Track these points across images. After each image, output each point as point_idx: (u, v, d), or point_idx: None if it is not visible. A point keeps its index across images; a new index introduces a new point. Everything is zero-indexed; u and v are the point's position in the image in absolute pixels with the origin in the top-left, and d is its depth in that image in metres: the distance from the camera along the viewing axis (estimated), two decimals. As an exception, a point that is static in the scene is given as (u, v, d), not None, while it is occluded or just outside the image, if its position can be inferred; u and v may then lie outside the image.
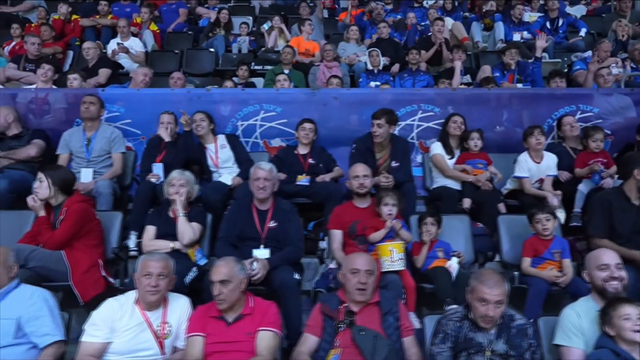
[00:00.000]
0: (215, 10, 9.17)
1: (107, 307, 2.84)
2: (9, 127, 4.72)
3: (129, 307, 2.83)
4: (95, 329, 2.75)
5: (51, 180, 3.62)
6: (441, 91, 5.23)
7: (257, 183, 3.65)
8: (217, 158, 4.55)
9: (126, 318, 2.79)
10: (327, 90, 5.31)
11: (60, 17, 8.08)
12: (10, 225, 4.04)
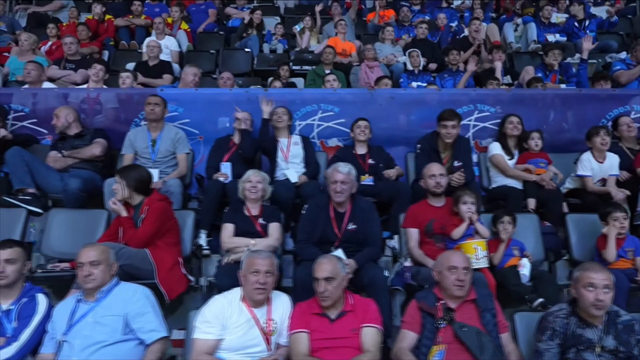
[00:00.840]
0: (244, 10, 9.23)
1: (217, 304, 2.87)
2: (69, 127, 4.74)
3: (237, 304, 2.87)
4: (208, 326, 2.79)
5: (125, 182, 3.66)
6: (497, 91, 5.28)
7: (334, 186, 3.68)
8: (288, 152, 4.60)
9: (235, 315, 2.83)
10: (384, 90, 5.35)
11: (94, 17, 8.08)
12: (83, 223, 4.11)
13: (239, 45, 8.08)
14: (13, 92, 5.35)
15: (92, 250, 2.96)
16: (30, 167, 4.35)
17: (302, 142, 4.70)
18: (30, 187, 4.29)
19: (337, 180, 3.69)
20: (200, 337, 2.77)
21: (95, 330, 2.80)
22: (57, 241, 4.03)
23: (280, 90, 5.54)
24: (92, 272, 2.89)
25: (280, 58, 7.66)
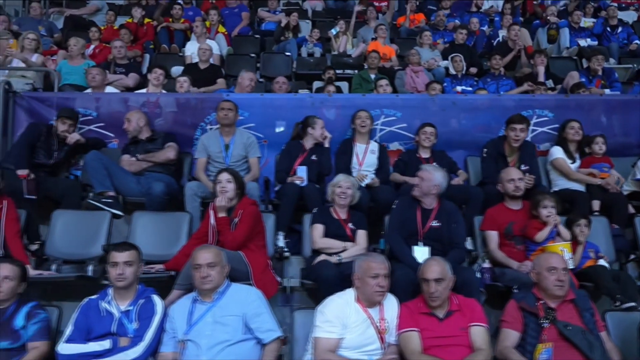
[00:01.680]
0: (276, 14, 9.34)
1: (335, 305, 2.98)
2: (141, 131, 4.84)
3: (352, 305, 2.98)
4: (330, 325, 2.90)
5: (237, 184, 3.78)
6: (555, 97, 5.42)
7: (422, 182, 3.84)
8: (363, 160, 4.71)
9: (353, 315, 2.95)
10: (446, 95, 5.49)
11: (133, 21, 8.17)
12: (166, 226, 4.22)
13: (276, 48, 8.21)
14: (76, 97, 5.44)
15: (208, 253, 3.07)
16: (109, 171, 4.44)
17: (379, 152, 4.80)
18: (110, 190, 4.39)
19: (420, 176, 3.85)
20: (324, 336, 2.88)
21: (216, 330, 2.92)
22: (142, 243, 4.10)
23: (345, 95, 5.67)
24: (209, 273, 3.00)
25: (320, 62, 7.80)
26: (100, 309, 3.04)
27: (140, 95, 5.66)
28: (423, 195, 3.83)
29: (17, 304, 3.08)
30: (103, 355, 2.86)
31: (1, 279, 3.03)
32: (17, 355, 2.96)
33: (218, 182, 3.87)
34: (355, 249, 3.86)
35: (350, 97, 5.42)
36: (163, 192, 4.26)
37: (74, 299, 3.46)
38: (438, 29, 8.59)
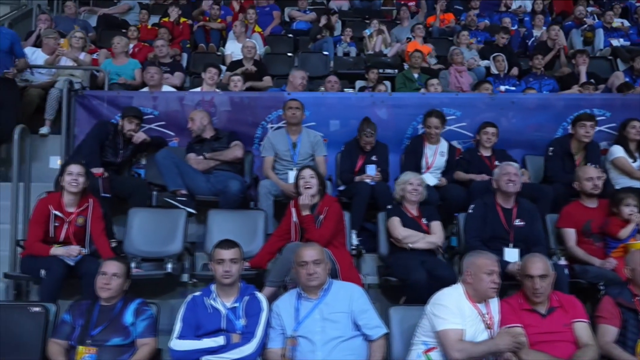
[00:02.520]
0: (307, 13, 9.37)
1: (453, 297, 2.98)
2: (204, 130, 4.86)
3: (464, 299, 3.01)
4: (455, 317, 2.90)
5: (318, 180, 3.81)
6: (612, 96, 5.48)
7: (507, 177, 3.88)
8: (432, 162, 4.75)
9: (467, 309, 2.98)
10: (506, 95, 5.54)
11: (169, 20, 8.17)
12: (242, 224, 4.25)
13: (312, 47, 8.22)
14: (133, 95, 5.45)
15: (314, 250, 3.10)
16: (179, 169, 4.46)
17: (448, 153, 4.82)
18: (182, 189, 4.41)
19: (509, 172, 3.93)
20: (452, 327, 2.87)
21: (327, 326, 2.95)
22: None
23: (406, 94, 5.70)
24: (315, 270, 3.03)
25: (357, 61, 7.83)
26: (206, 306, 3.06)
27: (195, 94, 5.67)
28: (515, 192, 3.87)
29: (124, 300, 3.10)
30: (217, 351, 2.88)
31: (110, 276, 3.05)
32: (128, 351, 2.99)
33: (301, 177, 3.90)
34: (434, 238, 3.94)
35: (410, 96, 5.46)
36: (240, 190, 4.29)
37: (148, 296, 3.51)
38: (470, 28, 8.62)
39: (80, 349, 2.88)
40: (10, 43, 5.01)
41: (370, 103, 5.16)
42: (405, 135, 5.15)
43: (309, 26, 9.19)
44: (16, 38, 5.11)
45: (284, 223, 3.96)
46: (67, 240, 3.75)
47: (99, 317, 3.02)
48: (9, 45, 5.01)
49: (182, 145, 5.15)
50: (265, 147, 4.74)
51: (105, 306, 3.07)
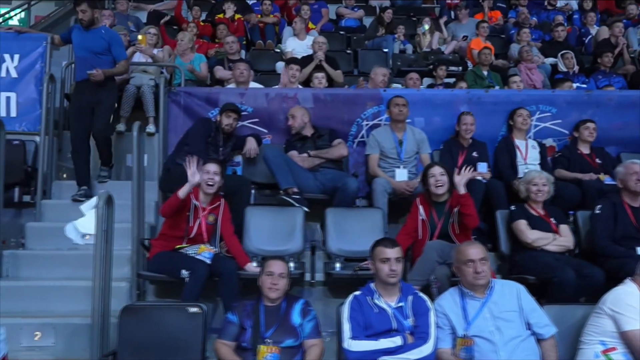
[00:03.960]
0: (356, 10, 9.32)
1: (635, 296, 2.92)
2: (304, 127, 4.80)
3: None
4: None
5: (448, 176, 3.78)
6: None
7: (635, 176, 3.86)
8: (526, 155, 4.72)
9: None
10: (603, 92, 5.52)
11: (225, 16, 8.08)
12: (360, 222, 4.21)
13: (369, 44, 8.16)
14: (220, 92, 5.38)
15: (478, 248, 3.04)
16: (289, 167, 4.40)
17: (540, 147, 4.81)
18: (294, 187, 4.34)
19: (636, 171, 3.88)
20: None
21: (502, 326, 2.89)
22: (340, 239, 4.11)
23: (502, 91, 5.65)
24: (483, 269, 2.98)
25: (417, 58, 7.80)
26: (371, 305, 3.00)
27: (280, 90, 5.61)
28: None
29: (287, 300, 3.04)
30: (394, 351, 2.83)
31: (277, 276, 3.00)
32: (297, 352, 2.93)
33: (431, 175, 3.86)
34: (564, 241, 3.90)
35: (506, 93, 5.40)
36: (358, 188, 4.23)
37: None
38: (523, 26, 8.59)
39: (263, 348, 2.82)
40: (107, 45, 4.67)
41: (466, 100, 5.12)
42: (499, 133, 5.10)
43: (357, 23, 9.17)
44: (116, 39, 4.76)
45: (410, 221, 3.92)
46: (199, 237, 3.69)
47: (268, 318, 2.95)
48: (105, 47, 4.67)
49: (274, 142, 5.11)
50: (370, 145, 4.68)
51: (271, 307, 3.01)
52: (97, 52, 4.68)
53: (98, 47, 4.69)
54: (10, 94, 4.96)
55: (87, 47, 4.69)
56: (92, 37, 4.70)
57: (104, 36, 4.73)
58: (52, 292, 3.80)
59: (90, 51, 4.68)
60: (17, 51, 5.00)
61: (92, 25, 4.72)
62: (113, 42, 4.75)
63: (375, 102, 5.10)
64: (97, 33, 4.72)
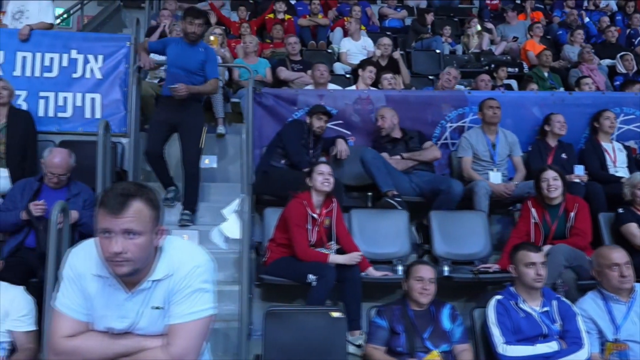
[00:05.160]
0: (399, 11, 9.32)
1: None
2: (394, 129, 4.78)
3: None
4: None
5: (562, 179, 3.77)
6: None
7: None
8: (615, 157, 4.72)
9: None
10: None
11: (276, 17, 8.05)
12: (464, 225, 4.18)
13: (417, 45, 8.15)
14: (299, 93, 5.35)
15: (622, 252, 3.04)
16: (387, 169, 4.38)
17: (625, 150, 4.82)
18: (393, 189, 4.32)
19: None
20: None
21: (652, 330, 2.90)
22: (446, 243, 4.09)
23: (585, 93, 5.63)
24: (630, 272, 2.98)
25: (470, 59, 7.80)
26: (516, 310, 2.99)
27: (352, 92, 5.59)
28: None
29: (435, 305, 3.03)
30: (550, 357, 2.82)
31: (427, 281, 2.98)
32: (448, 357, 2.91)
33: (543, 180, 3.85)
34: None
35: (590, 95, 5.39)
36: (463, 191, 4.21)
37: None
38: (571, 27, 8.62)
39: (430, 354, 2.80)
40: (203, 62, 4.35)
41: (551, 102, 5.11)
42: (582, 135, 5.10)
43: (400, 24, 9.17)
44: (212, 57, 4.46)
45: (521, 223, 3.92)
46: (318, 243, 3.67)
47: (419, 323, 2.94)
48: (201, 66, 4.35)
49: (357, 144, 5.08)
50: (463, 147, 4.66)
51: (419, 311, 2.99)
52: (191, 71, 4.36)
53: (194, 65, 4.37)
54: (95, 96, 4.91)
55: (182, 64, 4.36)
56: (191, 54, 4.38)
57: (202, 54, 4.42)
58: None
59: (184, 69, 4.35)
60: (101, 52, 4.95)
61: (197, 41, 4.43)
62: (210, 59, 4.44)
63: (451, 104, 5.08)
64: (197, 49, 4.41)
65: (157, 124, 4.46)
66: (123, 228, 1.62)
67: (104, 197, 1.65)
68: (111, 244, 1.61)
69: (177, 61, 4.39)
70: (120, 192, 1.64)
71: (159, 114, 4.50)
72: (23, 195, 3.68)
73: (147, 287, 1.73)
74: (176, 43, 4.50)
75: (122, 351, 1.72)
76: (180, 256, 1.76)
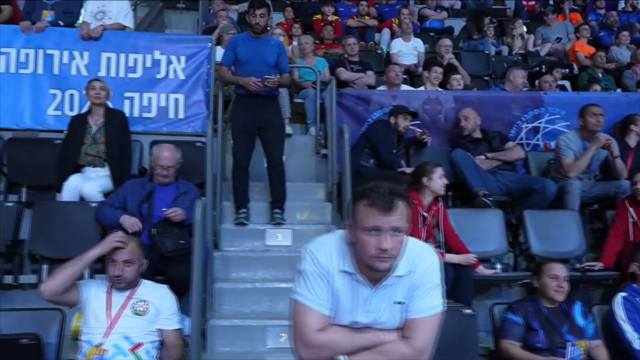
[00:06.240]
0: (439, 12, 9.39)
1: None
2: (475, 129, 4.85)
3: None
4: None
5: None
6: None
7: None
8: None
9: None
10: None
11: (324, 18, 8.10)
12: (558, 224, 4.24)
13: (465, 47, 8.22)
14: (372, 94, 5.42)
15: None
16: (477, 169, 4.45)
17: None
18: (484, 189, 4.38)
19: None
20: None
21: None
22: (542, 241, 4.16)
23: None
24: None
25: (517, 61, 7.87)
26: (639, 304, 3.07)
27: (420, 92, 5.65)
28: None
29: (566, 302, 3.09)
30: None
31: (561, 279, 3.05)
32: (584, 353, 2.98)
33: (635, 182, 3.92)
34: None
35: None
36: (557, 190, 4.28)
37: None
38: (612, 28, 8.71)
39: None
40: (277, 55, 4.31)
41: (625, 103, 5.20)
42: (653, 134, 5.18)
43: (441, 25, 9.23)
44: (284, 50, 4.45)
45: (619, 223, 3.99)
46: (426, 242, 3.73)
47: (555, 320, 3.00)
48: (276, 58, 4.31)
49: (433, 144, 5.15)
50: (564, 149, 4.58)
51: (552, 308, 3.06)
52: (268, 64, 4.27)
53: (271, 57, 4.28)
54: (178, 96, 4.95)
55: (258, 57, 4.25)
56: (264, 46, 4.30)
57: (275, 46, 4.36)
58: (271, 294, 3.81)
59: (262, 62, 4.24)
60: (183, 53, 4.99)
61: (264, 32, 4.41)
62: (282, 52, 4.39)
63: (537, 105, 5.15)
64: (267, 42, 4.34)
65: (243, 132, 4.30)
66: (392, 226, 1.68)
67: (371, 196, 1.69)
68: (380, 241, 1.67)
69: (253, 56, 4.27)
70: (389, 192, 1.69)
71: (241, 119, 4.33)
72: (133, 196, 3.71)
73: (390, 283, 1.79)
74: (242, 40, 4.38)
75: (364, 345, 1.79)
76: (416, 252, 1.82)
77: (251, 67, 4.28)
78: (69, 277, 2.68)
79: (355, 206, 1.74)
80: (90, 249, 2.79)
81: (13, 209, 3.74)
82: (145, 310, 2.77)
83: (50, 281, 2.68)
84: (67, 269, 2.69)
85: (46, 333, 2.87)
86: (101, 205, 3.70)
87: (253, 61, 4.29)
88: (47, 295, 2.64)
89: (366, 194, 1.72)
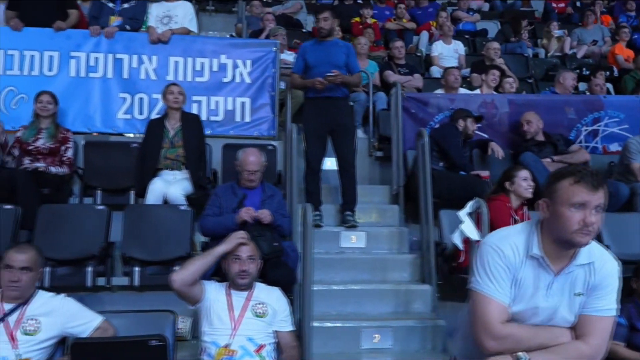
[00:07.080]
0: (472, 14, 9.45)
1: None
2: (538, 132, 4.92)
3: None
4: None
5: None
6: None
7: None
8: None
9: None
10: None
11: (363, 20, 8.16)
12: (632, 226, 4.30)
13: (503, 49, 8.27)
14: (430, 97, 5.48)
15: None
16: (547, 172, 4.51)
17: None
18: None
19: None
20: None
21: None
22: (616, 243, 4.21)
23: None
24: None
25: (556, 64, 7.94)
26: None
27: (477, 96, 5.72)
28: None
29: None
30: None
31: None
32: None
33: None
34: None
35: None
36: (630, 193, 4.35)
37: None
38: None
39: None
40: (346, 57, 4.44)
41: (682, 106, 5.27)
42: None
43: (474, 27, 9.30)
44: (352, 50, 4.57)
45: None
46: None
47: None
48: (345, 60, 4.44)
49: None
50: (636, 153, 4.63)
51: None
52: (338, 65, 4.40)
53: (340, 58, 4.44)
54: (245, 100, 5.02)
55: (327, 59, 4.41)
56: (332, 49, 4.48)
57: (343, 47, 4.54)
58: (356, 295, 3.88)
59: (330, 63, 4.39)
60: (249, 57, 5.07)
61: (330, 35, 4.57)
62: (350, 52, 4.56)
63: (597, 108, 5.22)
64: (334, 45, 4.53)
65: (314, 136, 4.42)
66: (597, 203, 1.77)
67: (578, 175, 1.77)
68: (585, 215, 1.75)
69: (321, 58, 4.44)
70: (595, 173, 1.79)
71: (312, 122, 4.45)
72: (227, 202, 3.73)
73: (570, 271, 1.86)
74: (310, 46, 4.62)
75: (544, 343, 1.85)
76: (598, 249, 1.90)
77: (320, 69, 4.44)
78: (198, 269, 2.77)
79: (558, 184, 1.82)
80: (216, 246, 2.90)
81: (104, 213, 3.78)
82: (264, 312, 2.83)
83: (181, 271, 2.77)
84: (197, 261, 2.79)
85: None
86: (204, 218, 3.67)
87: (321, 64, 4.45)
88: (178, 284, 2.72)
89: (573, 173, 1.80)
